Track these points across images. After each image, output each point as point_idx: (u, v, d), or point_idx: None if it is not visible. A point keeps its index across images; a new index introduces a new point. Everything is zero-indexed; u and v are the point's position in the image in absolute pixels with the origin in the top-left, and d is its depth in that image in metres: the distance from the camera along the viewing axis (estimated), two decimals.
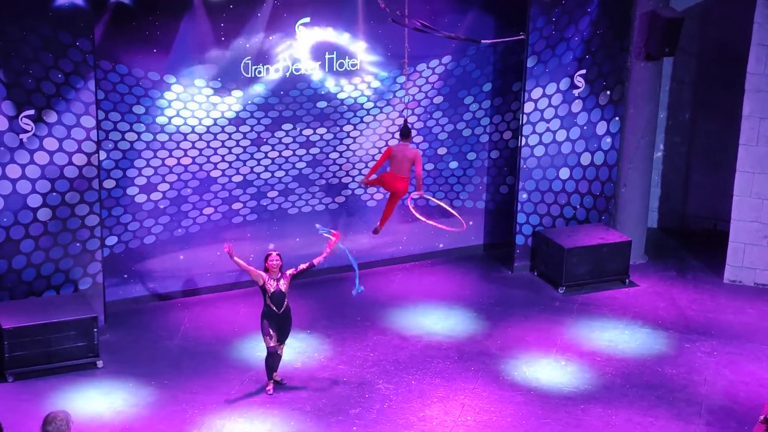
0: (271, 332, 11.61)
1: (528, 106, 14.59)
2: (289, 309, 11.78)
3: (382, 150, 14.03)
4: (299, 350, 12.89)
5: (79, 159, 12.47)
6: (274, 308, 11.62)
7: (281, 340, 11.76)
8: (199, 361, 12.55)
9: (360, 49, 14.16)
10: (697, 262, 15.80)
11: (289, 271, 11.65)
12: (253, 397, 11.75)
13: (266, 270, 11.53)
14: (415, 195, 12.83)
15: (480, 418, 11.48)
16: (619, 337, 13.41)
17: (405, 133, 13.10)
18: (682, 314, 14.12)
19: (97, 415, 11.06)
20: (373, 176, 13.41)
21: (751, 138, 14.46)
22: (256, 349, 12.66)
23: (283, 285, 11.59)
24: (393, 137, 14.33)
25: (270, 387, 11.87)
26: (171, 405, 11.57)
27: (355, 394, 11.89)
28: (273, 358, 11.77)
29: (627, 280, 14.95)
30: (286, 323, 11.78)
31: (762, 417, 11.19)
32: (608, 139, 15.14)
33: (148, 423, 11.11)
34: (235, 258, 11.62)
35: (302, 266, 11.87)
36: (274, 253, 11.68)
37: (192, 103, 13.50)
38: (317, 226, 12.74)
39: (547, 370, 12.56)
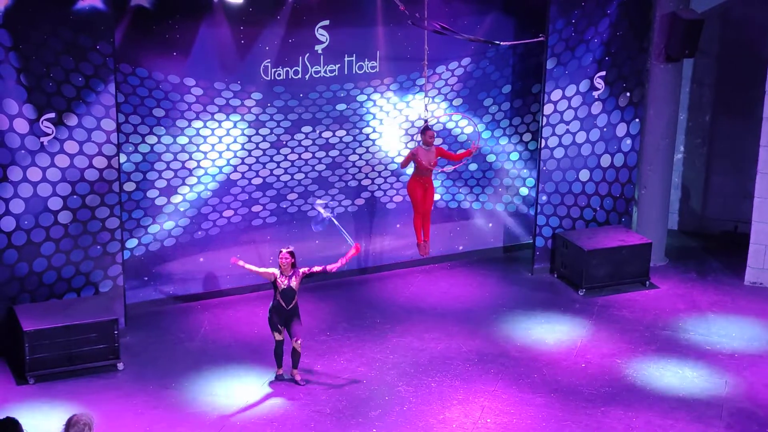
0: (279, 326, 11.94)
1: (548, 108, 14.60)
2: (297, 306, 11.99)
3: (401, 152, 14.17)
4: (319, 352, 12.93)
5: (100, 162, 12.50)
6: (283, 304, 11.88)
7: (289, 333, 12.00)
8: (219, 363, 12.60)
9: (379, 52, 14.18)
10: (717, 264, 15.77)
11: (303, 270, 11.88)
12: (272, 399, 11.81)
13: (281, 268, 11.78)
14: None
15: (500, 420, 11.48)
16: (639, 340, 13.40)
17: (424, 131, 13.27)
18: (703, 316, 14.09)
19: (118, 418, 11.07)
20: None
21: None
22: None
23: (294, 282, 11.82)
24: (412, 139, 14.36)
25: (280, 371, 12.20)
26: (191, 407, 11.63)
27: (375, 397, 11.92)
28: (279, 348, 12.12)
29: (647, 282, 14.93)
30: (293, 318, 12.02)
31: None
32: (628, 141, 15.12)
33: (169, 425, 11.14)
34: (246, 266, 12.05)
35: (317, 268, 12.08)
36: (285, 251, 11.86)
37: (212, 105, 13.54)
38: (318, 202, 12.98)
39: (567, 373, 12.55)
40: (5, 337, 12.37)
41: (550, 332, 13.61)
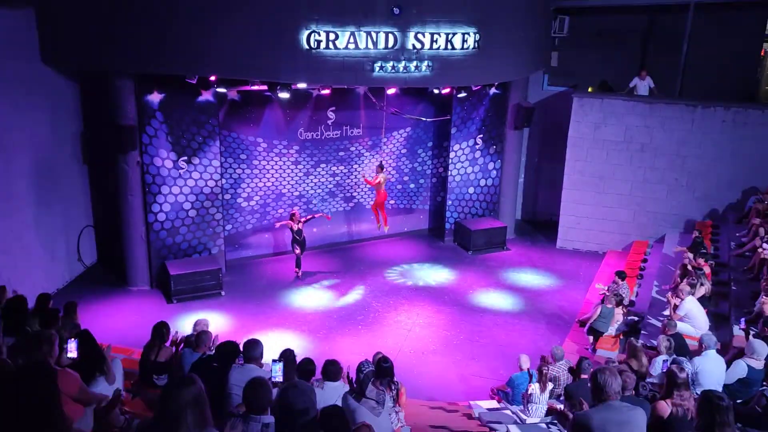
0: (297, 247, 12.69)
1: (452, 154, 14.70)
2: (305, 238, 12.82)
3: (372, 177, 14.32)
4: (326, 286, 12.86)
5: (210, 183, 12.59)
6: (297, 237, 12.57)
7: (302, 251, 12.67)
8: (274, 294, 12.58)
9: (362, 123, 14.20)
10: (542, 237, 15.76)
11: (303, 219, 12.71)
12: (294, 320, 11.62)
13: (292, 218, 12.61)
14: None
15: (427, 319, 11.71)
16: (498, 278, 13.47)
17: (380, 167, 13.52)
18: (534, 264, 14.30)
19: (221, 321, 11.22)
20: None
21: (570, 171, 14.63)
22: (302, 293, 12.82)
23: (301, 225, 12.58)
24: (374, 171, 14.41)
25: (297, 272, 12.96)
26: (257, 314, 11.71)
27: (359, 309, 12.02)
28: (298, 260, 12.85)
29: (505, 247, 14.96)
30: (303, 244, 12.67)
31: (579, 320, 11.47)
32: (494, 172, 15.24)
33: (249, 325, 11.23)
34: (280, 223, 12.94)
35: (309, 216, 12.86)
36: (297, 209, 12.91)
37: (271, 153, 13.60)
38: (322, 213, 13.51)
39: (462, 295, 12.66)
40: (162, 278, 12.43)
41: (454, 273, 13.64)
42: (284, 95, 12.10)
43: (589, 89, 15.16)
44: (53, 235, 12.03)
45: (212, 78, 11.43)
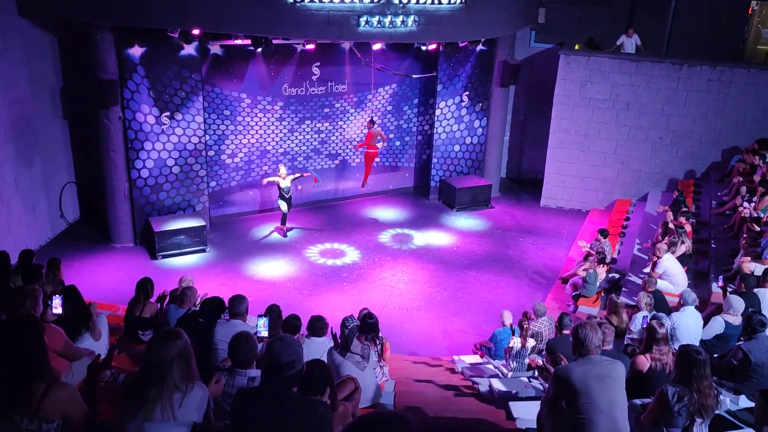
0: (284, 205, 12.56)
1: (438, 112, 14.62)
2: (291, 194, 12.77)
3: (363, 133, 14.23)
4: (313, 243, 12.88)
5: (194, 139, 12.46)
6: (284, 194, 12.51)
7: (287, 208, 12.62)
8: (259, 251, 12.63)
9: (347, 80, 14.05)
10: (526, 195, 15.75)
11: (291, 176, 12.66)
12: (279, 277, 11.76)
13: (279, 174, 12.55)
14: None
15: (411, 276, 11.79)
16: (483, 235, 13.57)
17: (371, 122, 13.44)
18: (518, 222, 14.37)
19: (205, 278, 11.06)
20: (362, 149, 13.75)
21: (556, 129, 14.60)
22: (287, 250, 12.84)
23: (289, 182, 12.51)
24: (365, 127, 14.24)
25: (282, 229, 12.99)
26: (241, 271, 11.74)
27: (344, 267, 12.05)
28: (284, 217, 12.85)
29: (489, 205, 14.97)
30: (289, 201, 12.66)
31: (561, 277, 11.61)
32: (480, 130, 15.19)
33: (234, 282, 11.29)
34: (268, 180, 12.73)
35: (297, 174, 12.85)
36: (282, 166, 12.71)
37: (255, 109, 13.46)
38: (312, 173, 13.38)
39: (447, 252, 12.69)
40: (146, 234, 12.38)
41: (438, 231, 13.67)
42: (268, 50, 11.90)
43: (576, 47, 15.05)
44: (34, 192, 11.88)
45: (194, 32, 11.21)
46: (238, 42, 12.01)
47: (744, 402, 5.91)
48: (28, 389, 3.26)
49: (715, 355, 6.51)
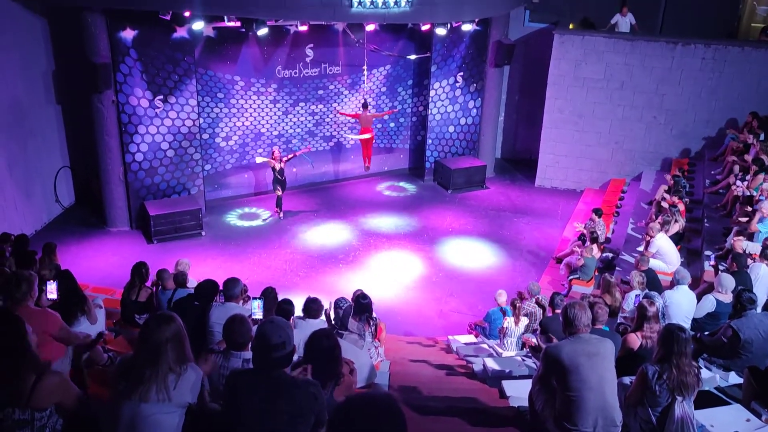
0: (279, 188, 12.56)
1: (432, 92, 14.61)
2: (285, 177, 12.68)
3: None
4: (309, 224, 12.90)
5: (188, 122, 12.43)
6: (279, 176, 12.50)
7: (282, 191, 12.62)
8: (255, 234, 12.63)
9: (341, 61, 14.00)
10: (521, 175, 15.75)
11: (284, 158, 12.61)
12: (274, 259, 11.77)
13: (272, 157, 12.52)
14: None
15: (407, 258, 11.79)
16: (477, 215, 13.57)
17: (365, 105, 13.41)
18: (512, 203, 14.37)
19: (202, 260, 11.18)
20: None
21: (550, 109, 14.57)
22: (283, 233, 12.83)
23: (283, 164, 12.52)
24: (358, 108, 14.17)
25: (277, 212, 12.96)
26: (237, 254, 11.72)
27: (340, 249, 12.07)
28: (279, 200, 12.82)
29: (484, 185, 15.02)
30: (284, 184, 12.65)
31: (555, 257, 11.66)
32: (474, 111, 15.18)
33: (229, 264, 11.32)
34: (260, 160, 12.64)
35: (290, 155, 12.77)
36: (276, 148, 12.68)
37: (249, 91, 13.41)
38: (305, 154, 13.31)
39: (442, 231, 12.78)
40: (141, 218, 12.38)
41: (434, 211, 13.71)
42: (261, 32, 11.80)
43: (571, 26, 14.98)
44: (28, 177, 11.86)
45: (186, 14, 11.12)
46: (231, 24, 11.90)
47: (734, 378, 5.98)
48: (17, 382, 3.29)
49: (706, 333, 6.56)
